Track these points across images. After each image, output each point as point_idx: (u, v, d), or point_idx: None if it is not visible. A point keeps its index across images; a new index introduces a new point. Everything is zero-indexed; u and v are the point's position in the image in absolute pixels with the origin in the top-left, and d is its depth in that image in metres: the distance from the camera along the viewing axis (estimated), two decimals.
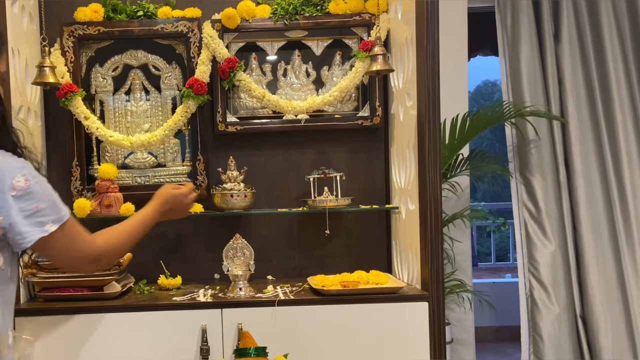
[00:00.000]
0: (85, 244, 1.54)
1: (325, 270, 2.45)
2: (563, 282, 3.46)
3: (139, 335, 2.05)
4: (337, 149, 2.62)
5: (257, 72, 2.58)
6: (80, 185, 2.47)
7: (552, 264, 3.46)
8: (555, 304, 3.44)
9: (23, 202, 1.38)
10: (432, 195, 2.05)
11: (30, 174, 1.40)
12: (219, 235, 2.50)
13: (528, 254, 3.51)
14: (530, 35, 3.47)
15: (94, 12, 2.47)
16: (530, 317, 3.50)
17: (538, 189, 3.47)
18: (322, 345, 2.08)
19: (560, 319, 3.43)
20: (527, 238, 3.52)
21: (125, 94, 2.56)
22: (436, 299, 2.06)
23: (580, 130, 3.47)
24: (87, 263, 1.56)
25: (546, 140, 3.47)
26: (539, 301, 3.46)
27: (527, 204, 3.51)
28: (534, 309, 3.48)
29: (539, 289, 3.47)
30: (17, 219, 1.38)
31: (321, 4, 2.53)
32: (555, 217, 3.48)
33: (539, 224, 3.49)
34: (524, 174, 3.51)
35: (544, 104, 3.47)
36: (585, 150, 3.47)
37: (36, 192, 1.39)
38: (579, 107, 3.47)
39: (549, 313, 3.44)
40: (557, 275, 3.46)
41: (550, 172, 3.48)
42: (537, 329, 3.47)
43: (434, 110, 2.04)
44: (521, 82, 3.48)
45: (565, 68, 3.48)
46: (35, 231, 1.40)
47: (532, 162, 3.47)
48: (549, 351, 3.42)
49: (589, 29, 3.46)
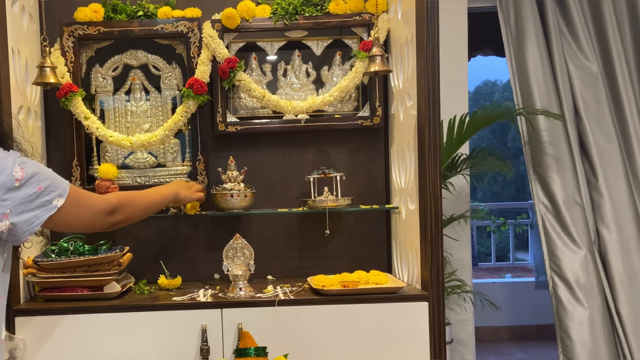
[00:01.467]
0: (97, 199, 1.65)
1: (325, 270, 2.45)
2: (593, 279, 3.37)
3: (139, 335, 2.05)
4: (337, 149, 2.62)
5: (257, 72, 2.58)
6: (80, 185, 2.47)
7: (574, 259, 3.39)
8: (582, 301, 3.36)
9: (27, 188, 1.42)
10: (432, 195, 2.05)
11: (23, 160, 1.44)
12: (219, 235, 2.50)
13: (548, 251, 3.47)
14: (536, 32, 3.43)
15: (94, 12, 2.47)
16: (557, 316, 3.45)
17: (554, 186, 3.43)
18: (322, 345, 2.08)
19: (590, 317, 3.35)
20: (546, 235, 3.47)
21: (125, 94, 2.56)
22: (436, 299, 2.06)
23: (599, 124, 3.42)
24: (103, 216, 1.65)
25: (561, 137, 3.43)
26: (564, 299, 3.39)
27: (543, 200, 3.47)
28: (559, 308, 3.41)
29: (562, 286, 3.40)
30: (23, 207, 1.42)
31: (321, 4, 2.53)
32: (576, 212, 3.41)
33: (558, 220, 3.43)
34: (538, 170, 3.48)
35: (556, 101, 3.44)
36: (605, 144, 3.41)
37: (35, 174, 1.43)
38: (597, 101, 3.42)
39: (575, 311, 3.37)
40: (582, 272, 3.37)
41: (567, 167, 3.44)
42: (563, 328, 3.39)
43: (434, 110, 2.05)
44: (529, 81, 3.44)
45: (578, 63, 3.45)
46: (41, 212, 1.45)
47: (547, 158, 3.44)
48: (579, 350, 3.34)
49: (593, 23, 3.44)
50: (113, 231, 2.51)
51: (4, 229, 1.41)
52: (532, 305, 5.75)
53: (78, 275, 2.14)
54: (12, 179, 1.39)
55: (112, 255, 2.18)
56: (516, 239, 8.01)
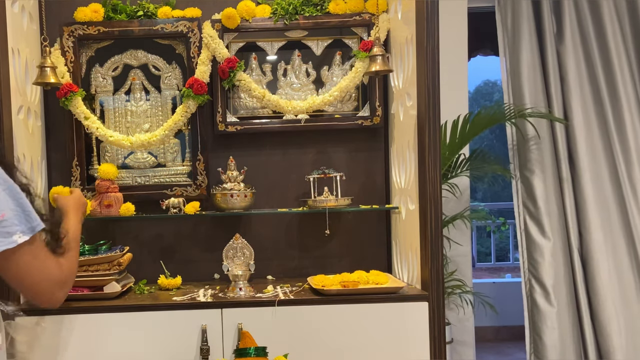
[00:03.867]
0: (53, 263, 1.34)
1: (325, 270, 2.46)
2: (564, 282, 3.44)
3: (139, 335, 2.05)
4: (337, 149, 2.62)
5: (257, 72, 2.58)
6: (80, 185, 2.47)
7: (552, 263, 3.44)
8: (555, 304, 3.42)
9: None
10: (432, 195, 2.05)
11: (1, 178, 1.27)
12: (219, 235, 2.50)
13: (528, 254, 3.50)
14: (531, 34, 3.46)
15: (94, 12, 2.47)
16: (530, 318, 3.49)
17: (537, 188, 3.45)
18: (322, 345, 2.08)
19: (560, 319, 3.41)
20: (527, 237, 3.51)
21: (125, 94, 2.56)
22: (436, 299, 2.06)
23: (587, 127, 3.43)
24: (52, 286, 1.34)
25: (546, 139, 3.45)
26: (538, 301, 3.45)
27: (527, 202, 3.50)
28: (533, 310, 3.47)
29: (538, 289, 3.45)
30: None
31: (321, 4, 2.53)
32: (555, 215, 3.44)
33: (538, 222, 3.47)
34: (524, 172, 3.50)
35: (545, 103, 3.46)
36: (592, 147, 3.43)
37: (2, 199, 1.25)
38: (584, 104, 3.43)
39: (549, 313, 3.43)
40: (557, 275, 3.44)
41: (551, 170, 3.45)
42: (536, 330, 3.46)
43: (434, 110, 2.04)
44: (521, 82, 3.47)
45: (568, 66, 3.45)
46: None
47: (532, 160, 3.45)
48: (549, 352, 3.41)
49: (591, 25, 3.44)
50: (113, 231, 2.55)
51: None
52: None
53: (78, 275, 2.13)
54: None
55: (112, 255, 2.18)
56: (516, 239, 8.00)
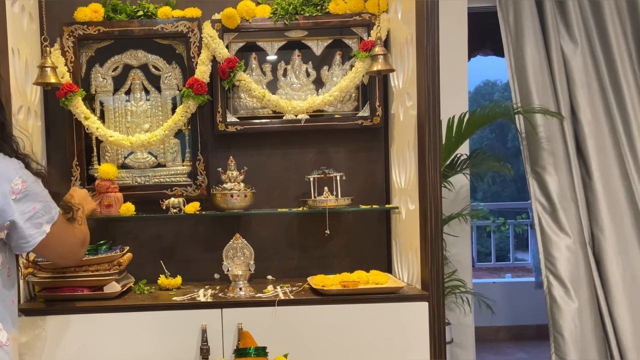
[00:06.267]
0: (73, 231, 1.63)
1: (325, 270, 2.45)
2: (584, 278, 3.37)
3: (139, 335, 2.05)
4: (337, 149, 2.62)
5: (257, 72, 2.58)
6: (80, 185, 2.47)
7: (570, 259, 3.37)
8: (575, 300, 3.36)
9: (22, 205, 1.39)
10: (432, 195, 2.05)
11: (25, 174, 1.42)
12: (219, 235, 2.50)
13: (544, 250, 3.47)
14: (535, 32, 3.44)
15: (94, 12, 2.47)
16: (550, 315, 3.46)
17: (550, 184, 3.43)
18: (322, 345, 2.08)
19: (581, 316, 3.34)
20: (542, 234, 3.48)
21: (125, 94, 2.56)
22: (436, 299, 2.06)
23: (595, 125, 3.43)
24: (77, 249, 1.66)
25: (557, 136, 3.44)
26: (558, 298, 3.39)
27: (540, 199, 3.48)
28: (553, 307, 3.42)
29: (557, 285, 3.40)
30: (20, 222, 1.40)
31: (321, 4, 2.53)
32: (571, 211, 3.40)
33: (555, 219, 3.44)
34: (535, 169, 3.49)
35: (553, 100, 3.45)
36: (601, 145, 3.41)
37: (33, 193, 1.41)
38: (592, 101, 3.42)
39: (569, 310, 3.36)
40: (576, 271, 3.37)
41: (563, 166, 3.44)
42: (557, 327, 3.41)
43: (434, 110, 2.05)
44: (527, 80, 3.45)
45: (574, 63, 3.46)
46: (36, 234, 1.43)
47: (544, 157, 3.44)
48: (571, 350, 3.35)
49: (594, 23, 3.44)
50: (113, 231, 2.55)
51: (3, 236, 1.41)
52: (532, 305, 5.74)
53: (78, 275, 2.14)
54: (10, 189, 1.37)
55: (112, 255, 2.18)
56: (516, 238, 8.00)
